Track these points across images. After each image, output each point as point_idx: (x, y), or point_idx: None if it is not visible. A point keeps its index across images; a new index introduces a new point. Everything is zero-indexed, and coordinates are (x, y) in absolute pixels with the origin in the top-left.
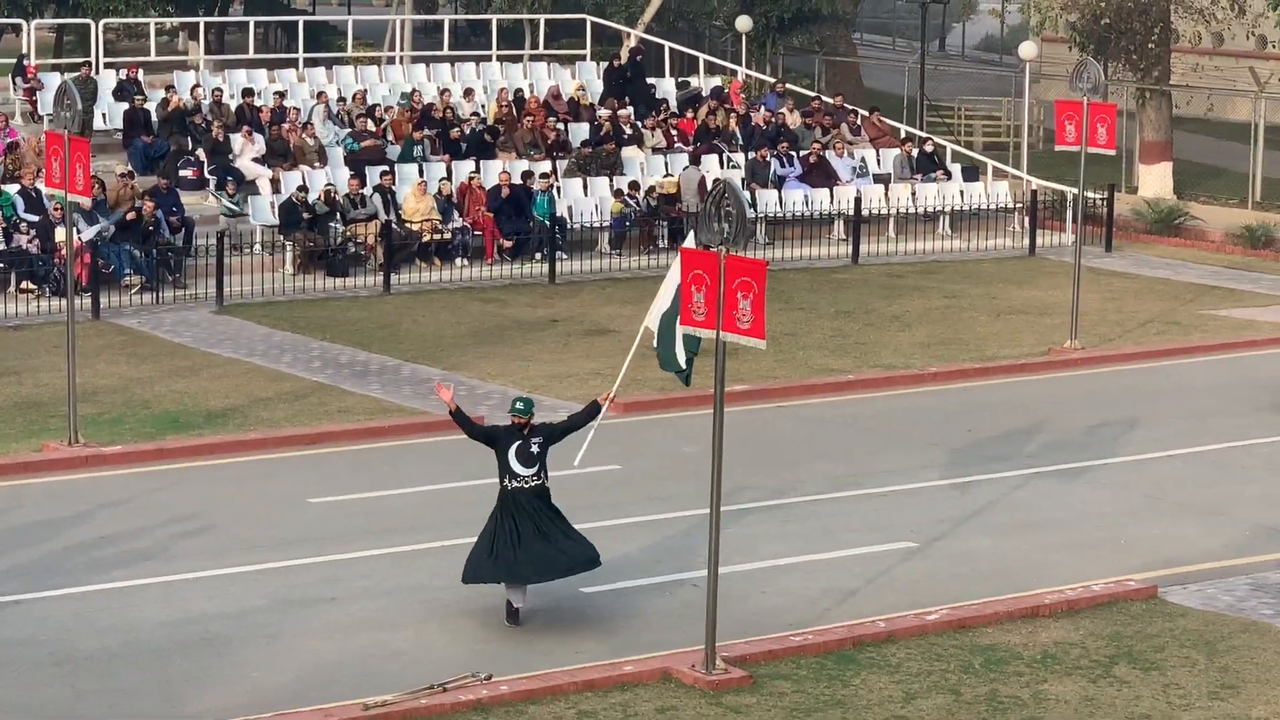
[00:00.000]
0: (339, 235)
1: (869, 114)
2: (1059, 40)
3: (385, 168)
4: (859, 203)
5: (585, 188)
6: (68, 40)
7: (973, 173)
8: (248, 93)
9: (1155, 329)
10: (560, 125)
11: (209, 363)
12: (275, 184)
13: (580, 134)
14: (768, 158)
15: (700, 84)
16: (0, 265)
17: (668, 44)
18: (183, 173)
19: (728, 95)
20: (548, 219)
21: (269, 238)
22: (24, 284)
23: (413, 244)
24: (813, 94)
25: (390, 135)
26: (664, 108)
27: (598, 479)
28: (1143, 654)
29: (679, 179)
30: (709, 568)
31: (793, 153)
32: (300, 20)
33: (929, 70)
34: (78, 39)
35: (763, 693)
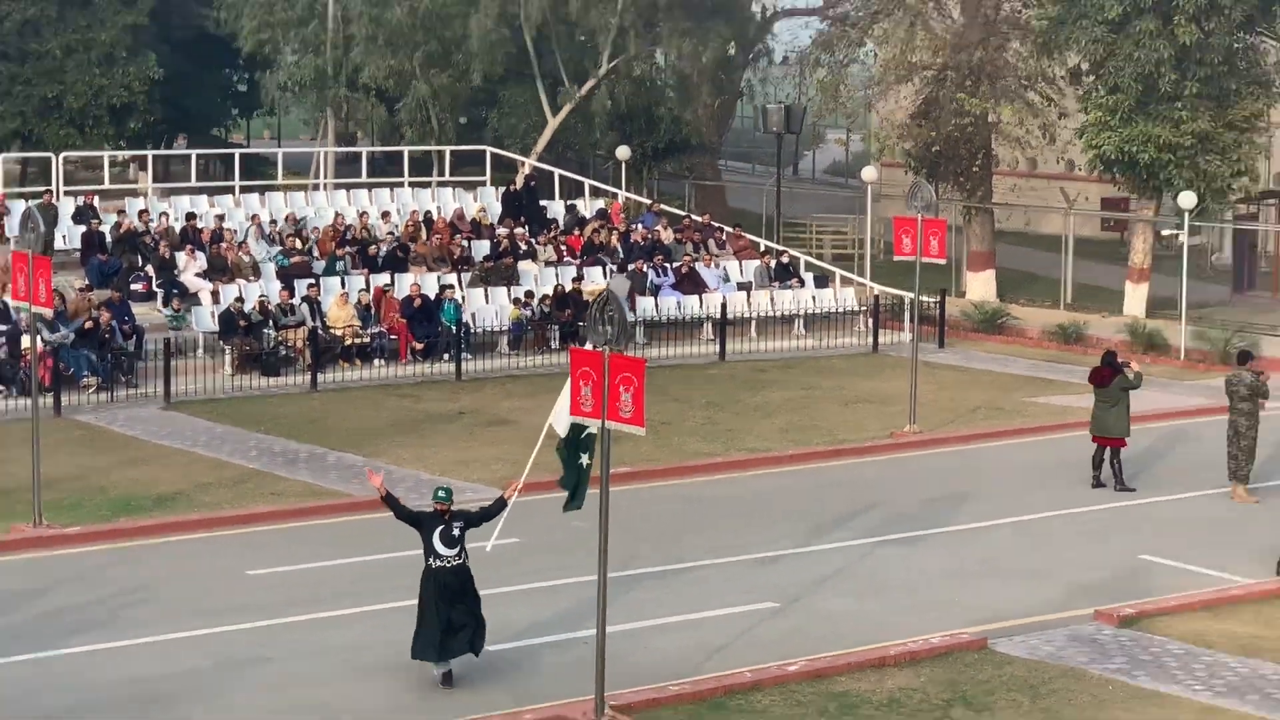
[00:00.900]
0: (271, 340)
1: (733, 230)
2: (896, 165)
3: (312, 280)
4: (725, 308)
5: (487, 296)
6: (31, 171)
7: (823, 280)
8: (190, 216)
9: (983, 415)
10: (464, 242)
11: (158, 453)
12: (215, 295)
13: (482, 250)
14: (645, 269)
15: (586, 209)
16: None
17: (557, 171)
18: (134, 286)
19: (610, 215)
20: (454, 324)
21: (210, 343)
22: None
23: (336, 347)
24: (684, 213)
25: (316, 252)
26: (554, 227)
27: (503, 550)
28: (975, 697)
29: (608, 284)
30: (598, 627)
31: (667, 264)
32: (236, 153)
33: (784, 192)
34: (40, 170)
35: None
